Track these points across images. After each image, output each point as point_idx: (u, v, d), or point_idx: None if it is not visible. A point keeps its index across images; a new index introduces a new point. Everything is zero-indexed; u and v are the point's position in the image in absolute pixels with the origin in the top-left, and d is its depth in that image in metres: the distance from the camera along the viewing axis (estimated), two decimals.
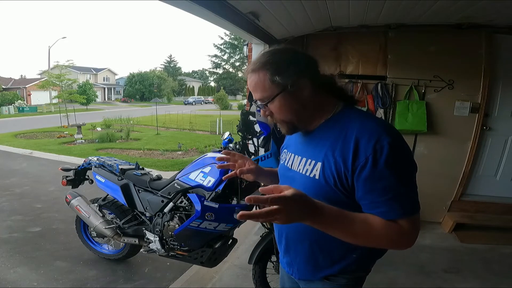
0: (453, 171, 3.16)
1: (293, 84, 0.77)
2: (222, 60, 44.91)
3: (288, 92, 0.78)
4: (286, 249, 0.94)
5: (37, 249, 2.72)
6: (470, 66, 2.95)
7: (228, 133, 2.24)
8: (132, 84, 41.50)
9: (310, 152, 0.84)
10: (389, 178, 0.71)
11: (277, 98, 0.79)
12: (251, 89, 0.83)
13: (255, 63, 0.80)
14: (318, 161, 0.80)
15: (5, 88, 27.66)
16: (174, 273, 2.40)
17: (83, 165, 2.51)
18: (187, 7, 1.95)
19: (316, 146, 0.83)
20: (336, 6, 2.46)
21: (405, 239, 0.73)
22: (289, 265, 0.95)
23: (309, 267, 0.89)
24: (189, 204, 1.95)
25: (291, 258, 0.93)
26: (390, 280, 2.21)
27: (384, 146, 0.71)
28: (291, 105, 0.80)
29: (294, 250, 0.91)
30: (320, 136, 0.83)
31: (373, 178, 0.71)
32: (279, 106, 0.80)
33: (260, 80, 0.79)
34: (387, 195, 0.71)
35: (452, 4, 2.29)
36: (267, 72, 0.78)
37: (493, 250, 2.75)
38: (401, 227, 0.72)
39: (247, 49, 3.46)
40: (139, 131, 11.93)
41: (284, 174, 0.94)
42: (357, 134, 0.74)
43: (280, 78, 0.77)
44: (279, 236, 0.97)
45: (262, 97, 0.80)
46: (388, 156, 0.70)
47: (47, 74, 16.64)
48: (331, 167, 0.76)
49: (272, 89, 0.78)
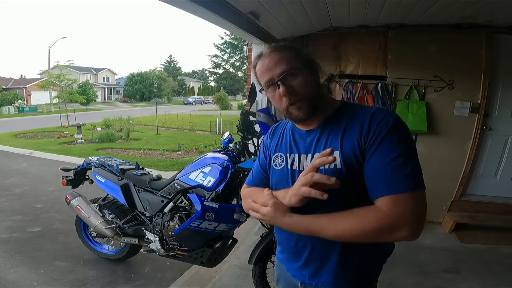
0: (453, 171, 3.16)
1: (314, 63, 0.84)
2: (222, 60, 44.95)
3: (311, 70, 0.83)
4: (308, 259, 0.88)
5: (37, 249, 2.72)
6: (470, 66, 2.95)
7: (228, 133, 2.24)
8: (132, 84, 41.53)
9: (321, 146, 0.83)
10: (399, 147, 0.72)
11: (303, 72, 0.80)
12: (271, 65, 0.81)
13: (276, 46, 0.84)
14: (335, 150, 0.79)
15: (5, 88, 27.67)
16: (174, 273, 2.40)
17: (83, 165, 2.51)
18: (187, 7, 1.95)
19: (326, 139, 0.82)
20: (336, 6, 2.46)
21: (410, 216, 0.69)
22: (312, 276, 0.88)
23: (338, 271, 0.84)
24: (189, 204, 1.95)
25: (316, 267, 0.87)
26: (390, 280, 2.21)
27: (391, 120, 0.75)
28: (315, 82, 0.83)
29: (321, 259, 0.85)
30: (328, 130, 0.83)
31: (383, 146, 0.73)
32: (305, 80, 0.81)
33: (286, 56, 0.81)
34: (400, 167, 0.71)
35: (452, 4, 2.29)
36: (291, 50, 0.82)
37: (493, 250, 2.75)
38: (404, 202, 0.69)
39: (247, 49, 3.46)
40: (139, 131, 11.93)
41: (288, 178, 0.88)
42: (366, 114, 0.78)
43: (306, 57, 0.83)
44: (296, 247, 0.89)
45: (286, 69, 0.80)
46: (395, 127, 0.74)
47: (47, 74, 16.65)
48: (351, 150, 0.77)
49: (298, 63, 0.81)
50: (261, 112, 1.89)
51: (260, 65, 0.83)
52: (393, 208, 0.69)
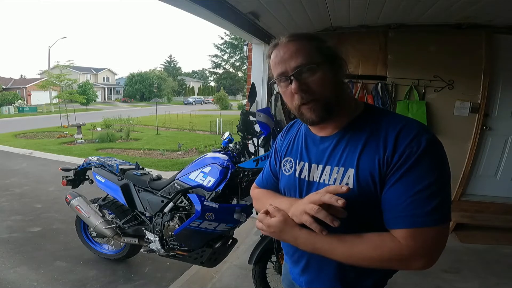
0: (453, 171, 3.10)
1: (338, 58, 0.72)
2: (222, 60, 44.98)
3: (333, 66, 0.71)
4: (305, 267, 0.84)
5: (37, 249, 2.72)
6: (470, 66, 2.95)
7: (228, 133, 2.24)
8: (132, 84, 41.53)
9: (335, 159, 0.74)
10: (429, 176, 0.63)
11: (322, 68, 0.70)
12: (286, 56, 0.70)
13: (294, 35, 0.73)
14: (350, 167, 0.70)
15: (5, 88, 27.68)
16: (174, 273, 2.40)
17: (83, 165, 2.51)
18: (187, 7, 1.95)
19: (342, 151, 0.73)
20: (336, 6, 2.46)
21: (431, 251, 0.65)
22: (309, 283, 0.86)
23: (335, 284, 0.81)
24: (189, 204, 1.95)
25: (313, 276, 0.84)
26: (390, 280, 2.21)
27: (423, 141, 0.64)
28: (334, 80, 0.71)
29: (317, 268, 0.82)
30: (346, 140, 0.73)
31: (409, 175, 0.64)
32: (323, 78, 0.70)
33: (304, 47, 0.70)
34: (426, 201, 0.62)
35: (452, 4, 2.29)
36: (312, 41, 0.71)
37: (493, 250, 2.75)
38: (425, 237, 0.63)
39: (247, 49, 3.46)
40: (139, 131, 11.93)
41: (296, 186, 0.82)
42: (393, 128, 0.68)
43: (329, 51, 0.72)
44: (296, 254, 0.86)
45: (303, 63, 0.69)
46: (428, 150, 0.64)
47: (47, 74, 16.62)
48: (368, 172, 0.67)
49: (318, 57, 0.70)
50: (261, 112, 1.89)
51: (274, 55, 0.73)
52: (411, 241, 0.62)
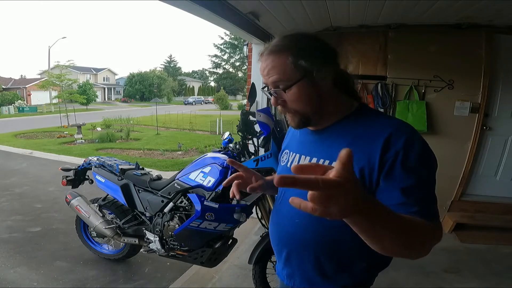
0: (453, 171, 3.15)
1: (318, 71, 0.71)
2: (222, 60, 45.00)
3: (311, 80, 0.71)
4: (286, 259, 0.85)
5: (37, 249, 2.72)
6: (470, 66, 2.95)
7: (228, 133, 2.24)
8: (132, 84, 41.54)
9: (322, 151, 0.77)
10: (421, 175, 0.65)
11: (298, 85, 0.71)
12: (265, 72, 0.73)
13: (276, 45, 0.72)
14: (334, 160, 0.65)
15: (5, 88, 27.68)
16: (174, 273, 2.40)
17: (83, 165, 2.51)
18: (187, 7, 1.95)
19: (330, 145, 0.75)
20: (336, 6, 2.46)
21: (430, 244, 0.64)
22: (289, 277, 0.86)
23: (314, 278, 0.81)
24: (189, 204, 1.95)
25: (293, 269, 0.84)
26: (391, 280, 2.21)
27: (415, 142, 0.67)
28: (311, 94, 0.72)
29: (297, 260, 0.83)
30: (336, 135, 0.76)
31: (402, 175, 0.65)
32: (298, 94, 0.72)
33: (281, 62, 0.70)
34: (420, 193, 0.64)
35: (452, 4, 2.29)
36: (290, 55, 0.70)
37: (493, 250, 2.75)
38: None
39: (247, 49, 3.46)
40: (139, 131, 11.93)
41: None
42: (384, 130, 0.69)
43: (305, 63, 0.70)
44: (278, 246, 0.87)
45: (279, 80, 0.71)
46: (419, 151, 0.66)
47: (47, 74, 16.62)
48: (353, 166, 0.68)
49: (293, 73, 0.70)
50: (261, 112, 1.89)
51: (260, 64, 0.77)
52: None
